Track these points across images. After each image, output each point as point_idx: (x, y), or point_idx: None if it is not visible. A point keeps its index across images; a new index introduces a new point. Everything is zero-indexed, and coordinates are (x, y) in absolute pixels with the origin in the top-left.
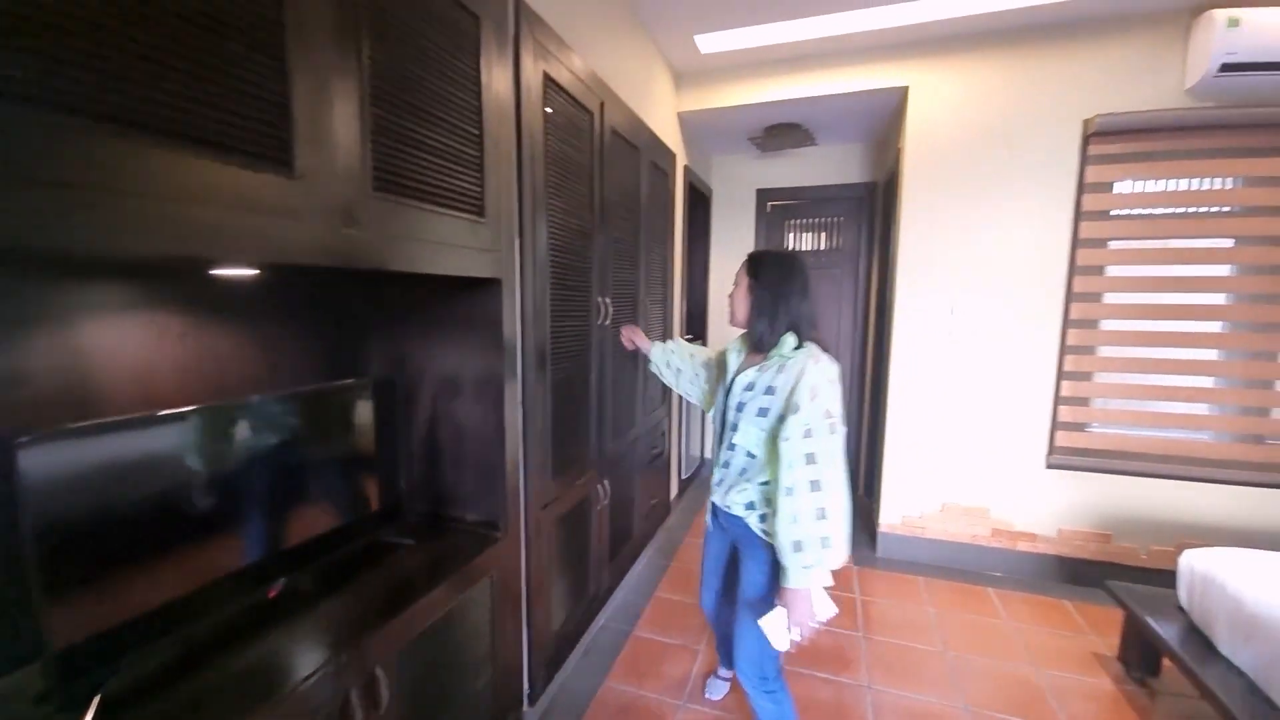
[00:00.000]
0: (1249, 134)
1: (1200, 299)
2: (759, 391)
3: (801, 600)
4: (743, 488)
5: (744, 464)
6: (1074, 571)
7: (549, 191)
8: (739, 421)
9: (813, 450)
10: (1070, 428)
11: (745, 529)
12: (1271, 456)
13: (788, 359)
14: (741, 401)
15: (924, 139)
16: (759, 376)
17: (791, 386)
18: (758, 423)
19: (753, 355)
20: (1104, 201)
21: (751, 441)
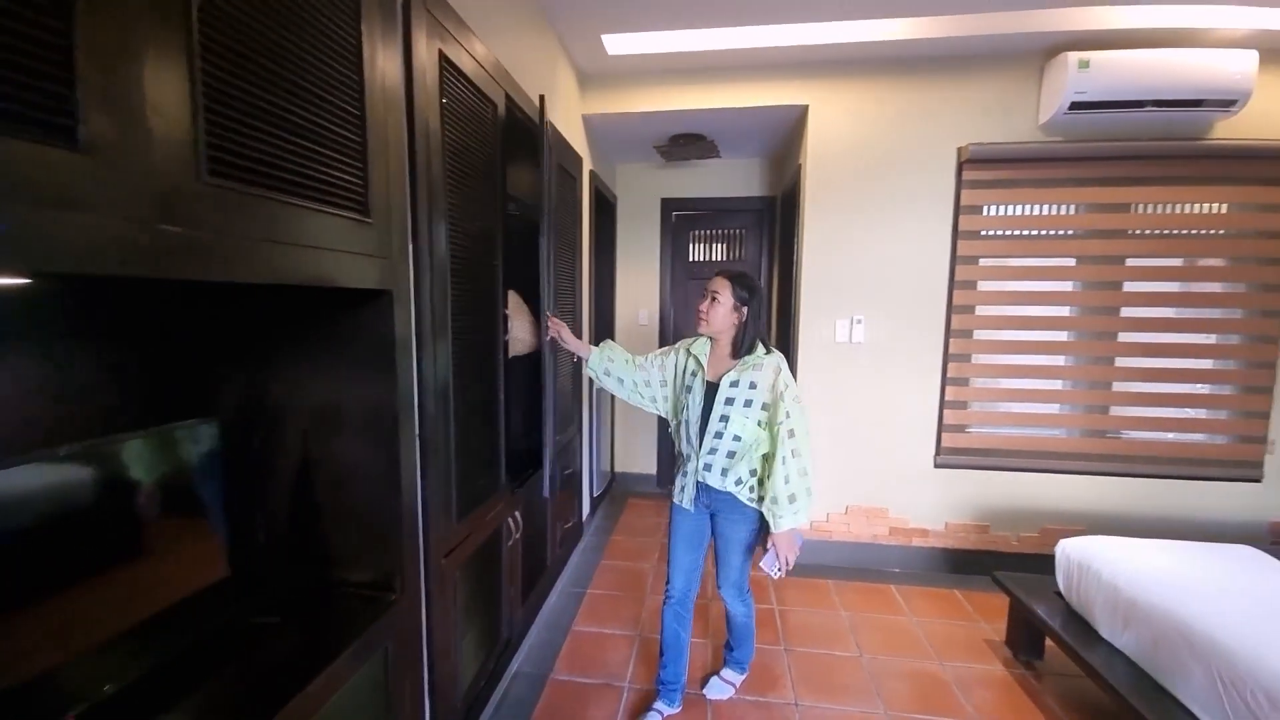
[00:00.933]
0: (1090, 166)
1: (1052, 311)
2: (743, 387)
3: (790, 538)
4: (733, 467)
5: (732, 446)
6: (959, 561)
7: (449, 190)
8: (730, 413)
9: (794, 427)
10: (953, 429)
11: (732, 500)
12: (1112, 448)
13: (762, 361)
14: (731, 397)
15: (823, 157)
16: (741, 375)
17: (771, 382)
18: (745, 412)
19: (723, 358)
20: (976, 222)
21: (739, 427)
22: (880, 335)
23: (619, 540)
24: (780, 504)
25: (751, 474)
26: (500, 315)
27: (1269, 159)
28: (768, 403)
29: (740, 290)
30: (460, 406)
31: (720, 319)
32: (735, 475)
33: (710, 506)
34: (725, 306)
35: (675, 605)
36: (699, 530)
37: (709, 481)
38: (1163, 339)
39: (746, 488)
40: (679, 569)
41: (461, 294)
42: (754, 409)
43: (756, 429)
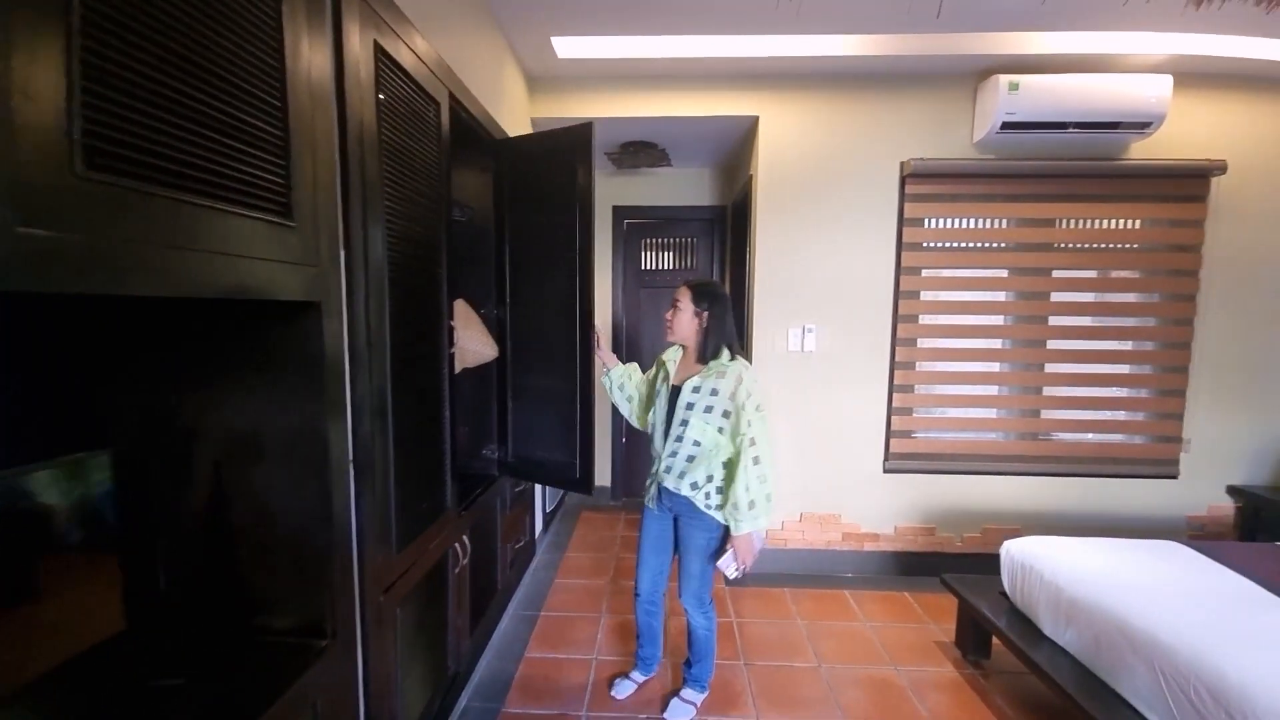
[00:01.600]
0: (1019, 183)
1: (989, 320)
2: (705, 393)
3: (749, 542)
4: (690, 472)
5: (691, 451)
6: (908, 564)
7: (387, 192)
8: (689, 418)
9: (755, 436)
10: (900, 435)
11: (690, 505)
12: (1044, 450)
13: (726, 368)
14: (691, 402)
15: (774, 168)
16: (703, 381)
17: (733, 389)
18: (705, 418)
19: (691, 364)
20: (919, 234)
21: (698, 432)
22: (831, 344)
23: (573, 557)
24: (740, 509)
25: (708, 479)
26: (445, 327)
27: (1178, 177)
28: (729, 410)
29: (699, 297)
30: (400, 426)
31: (682, 326)
32: (691, 479)
33: (673, 510)
34: (686, 314)
35: (644, 603)
36: (664, 533)
37: (667, 483)
38: (1086, 346)
39: (703, 494)
40: (645, 569)
41: (401, 304)
42: (714, 415)
43: (716, 435)
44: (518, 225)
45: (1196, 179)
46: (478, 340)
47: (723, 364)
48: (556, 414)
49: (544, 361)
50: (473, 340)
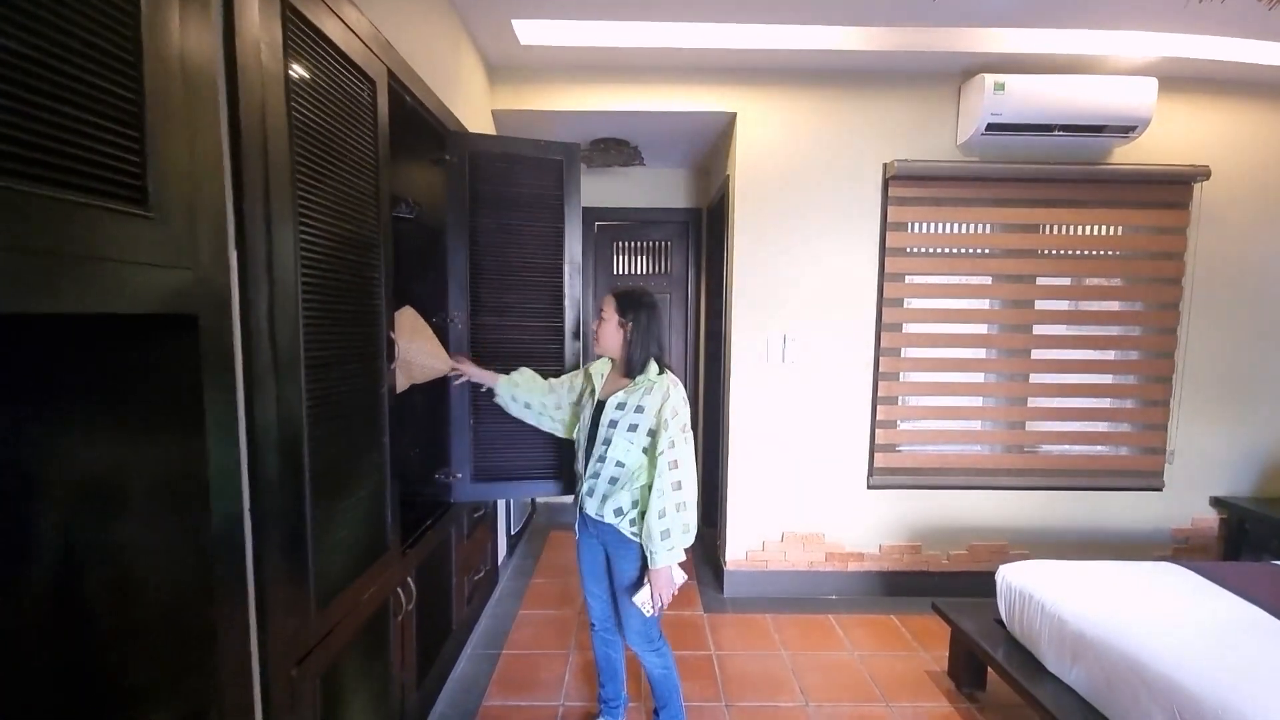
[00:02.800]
0: (1003, 187)
1: (973, 328)
2: (629, 410)
3: (666, 576)
4: (614, 495)
5: (614, 473)
6: (894, 584)
7: (302, 183)
8: (612, 436)
9: (676, 458)
10: (885, 449)
11: (615, 533)
12: (1029, 463)
13: (653, 383)
14: (614, 419)
15: (752, 168)
16: (629, 397)
17: (658, 407)
18: (629, 437)
19: (618, 378)
20: (903, 239)
21: (622, 452)
22: (811, 353)
23: (540, 585)
24: (653, 538)
25: (633, 505)
26: (384, 339)
27: (1161, 183)
28: (654, 429)
29: (624, 306)
30: (322, 460)
31: (608, 337)
32: (614, 504)
33: (599, 538)
34: (611, 324)
35: (600, 632)
36: (596, 559)
37: (588, 509)
38: (1070, 355)
39: (627, 520)
40: (592, 596)
41: (323, 316)
42: (638, 434)
43: (640, 456)
44: (485, 228)
45: (1180, 185)
46: (425, 353)
47: (650, 379)
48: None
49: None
50: (420, 353)
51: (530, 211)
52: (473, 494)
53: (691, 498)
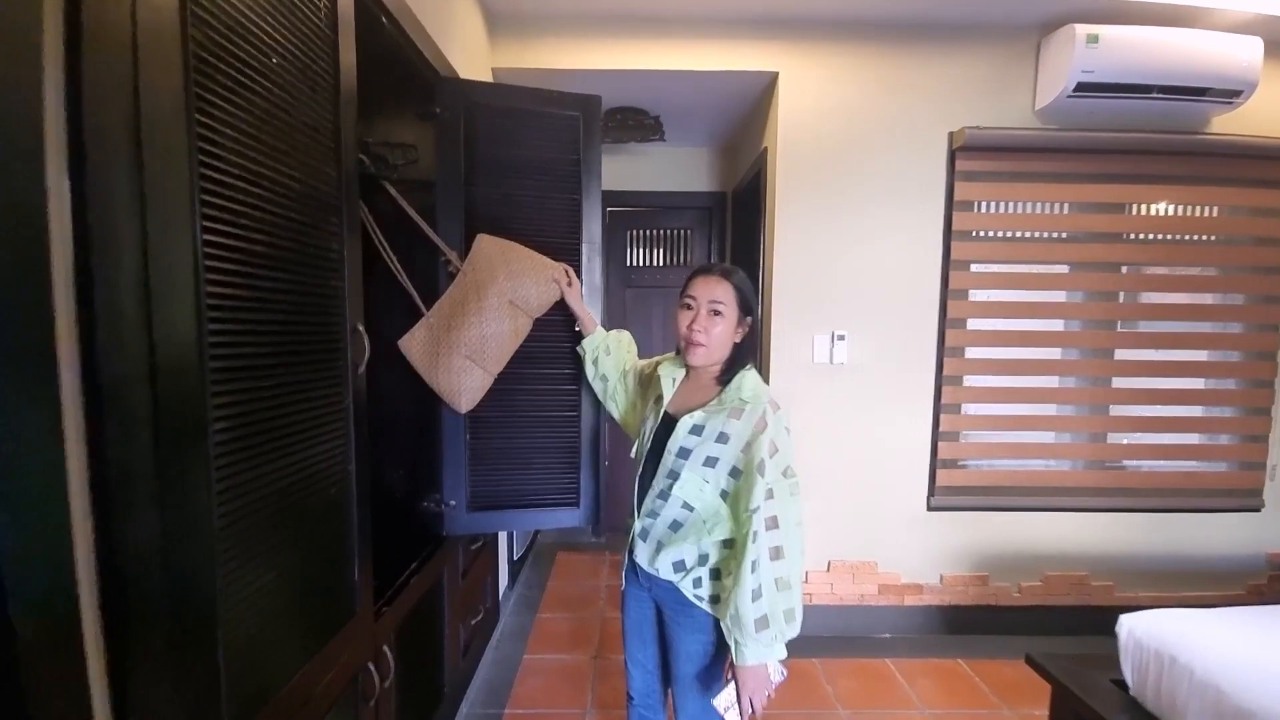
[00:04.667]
0: (1086, 159)
1: (1045, 325)
2: (708, 437)
3: (761, 675)
4: (674, 545)
5: (678, 515)
6: (956, 620)
7: (206, 96)
8: (680, 469)
9: (775, 513)
10: (948, 465)
11: (676, 595)
12: (1114, 481)
13: (745, 403)
14: (686, 446)
15: (796, 139)
16: (710, 420)
17: (749, 438)
18: (703, 473)
19: (698, 387)
20: (969, 221)
21: (692, 492)
22: (866, 354)
23: (548, 620)
24: (744, 626)
25: (702, 560)
26: (349, 331)
27: (1268, 159)
28: (740, 467)
29: (746, 299)
30: (242, 506)
31: (718, 340)
32: (674, 555)
33: (651, 592)
34: (728, 322)
35: (638, 709)
36: (644, 616)
37: (638, 556)
38: (1158, 356)
39: (691, 580)
40: (634, 664)
41: (243, 295)
42: (717, 471)
43: (717, 500)
44: (485, 200)
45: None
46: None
47: (741, 396)
48: (547, 436)
49: (528, 366)
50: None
51: (540, 180)
52: (469, 526)
53: (797, 570)
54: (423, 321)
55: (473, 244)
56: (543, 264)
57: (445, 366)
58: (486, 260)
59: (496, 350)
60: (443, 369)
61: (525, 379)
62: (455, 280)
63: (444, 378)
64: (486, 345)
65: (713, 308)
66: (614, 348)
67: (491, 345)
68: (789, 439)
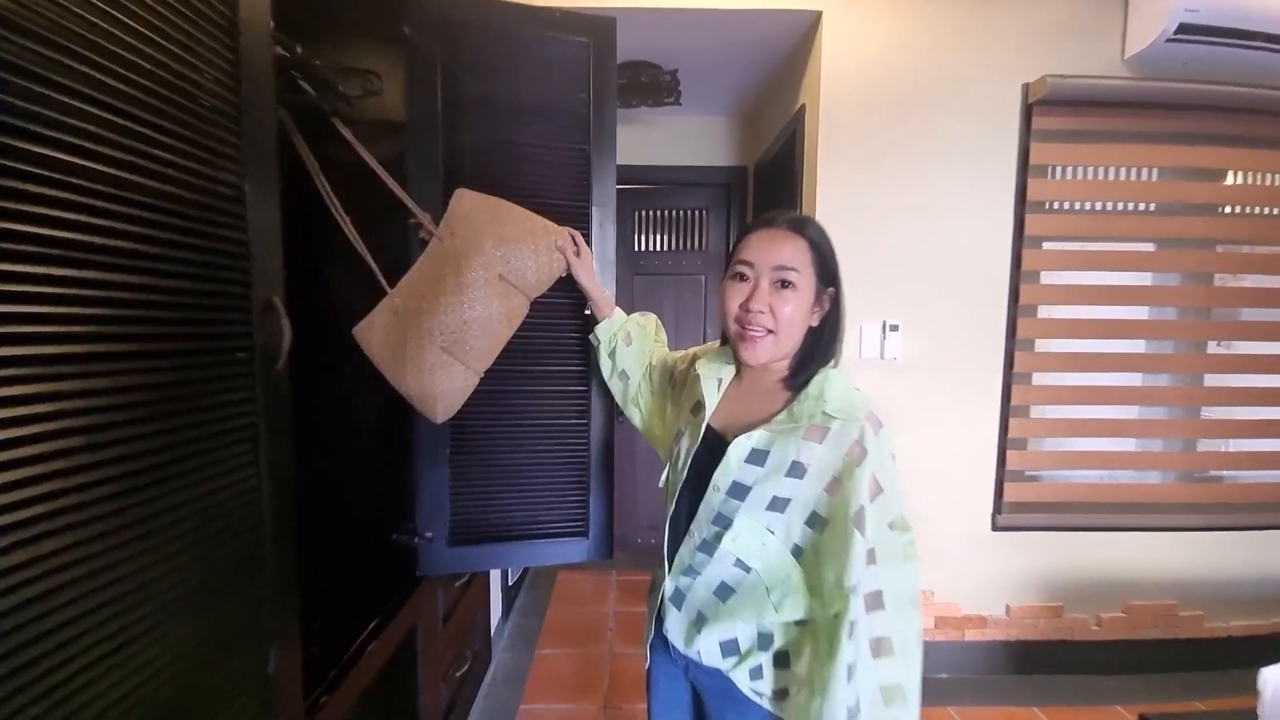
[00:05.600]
0: (1180, 117)
1: (1127, 312)
2: (776, 469)
3: None
4: (721, 620)
5: (727, 577)
6: (1026, 658)
7: None
8: (733, 513)
9: (880, 587)
10: (1019, 478)
11: (724, 684)
12: (1206, 495)
13: (833, 419)
14: (741, 481)
15: (841, 92)
16: (777, 442)
17: (838, 472)
18: (767, 519)
19: (756, 391)
20: (1045, 190)
21: (750, 547)
22: (923, 347)
23: (547, 658)
24: None
25: (763, 643)
26: (254, 312)
27: None
28: (822, 514)
29: (825, 263)
30: (77, 633)
31: (797, 328)
32: (723, 635)
33: (689, 673)
34: (805, 297)
35: None
36: (678, 698)
37: (670, 632)
38: (1257, 349)
39: (747, 670)
40: None
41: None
42: (788, 519)
43: (786, 561)
44: (468, 148)
45: None
46: (529, 252)
47: (826, 408)
48: (550, 449)
49: (525, 361)
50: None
51: (539, 125)
52: (451, 563)
53: (915, 676)
54: (385, 303)
55: (450, 202)
56: (543, 227)
57: (415, 362)
58: (469, 223)
59: (483, 340)
60: (412, 365)
61: (521, 377)
62: (428, 249)
63: (414, 377)
64: (469, 333)
65: (779, 277)
66: (637, 336)
67: (476, 333)
68: (896, 473)
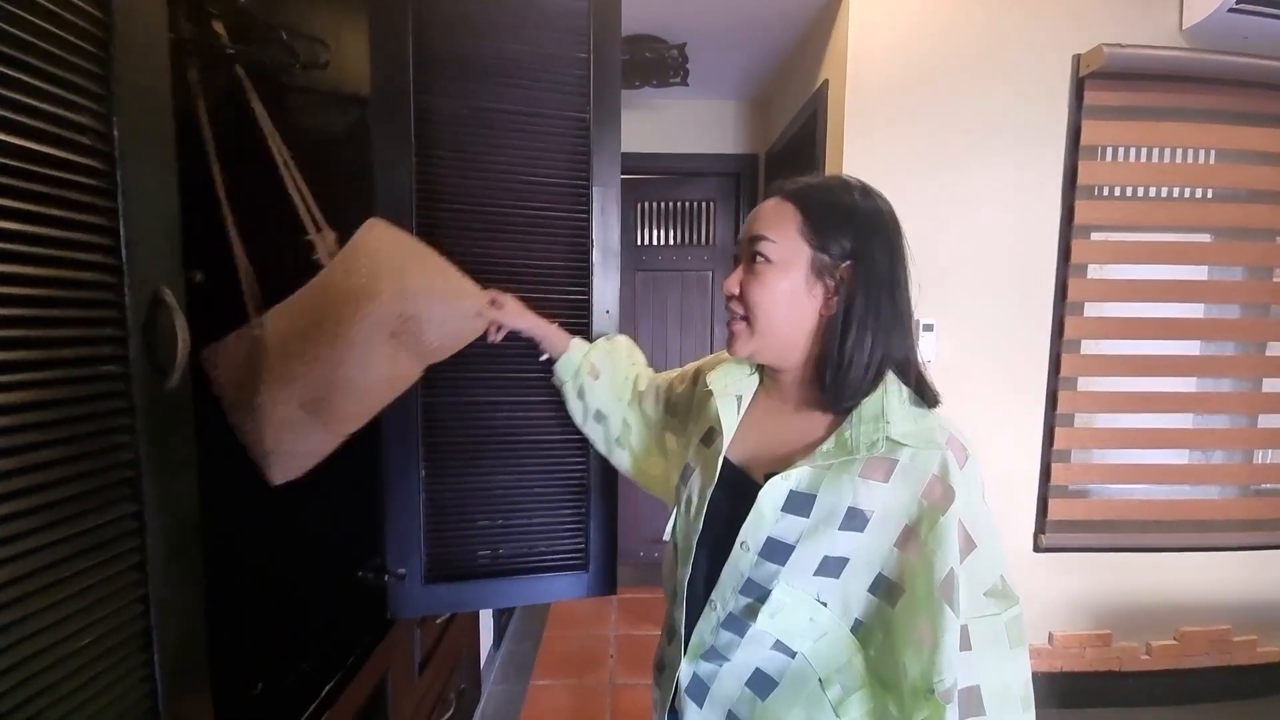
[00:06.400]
0: (1240, 95)
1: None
2: (827, 520)
3: None
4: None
5: (764, 665)
6: (1071, 690)
7: None
8: (770, 580)
9: (976, 682)
10: (1064, 493)
11: None
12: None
13: (902, 447)
14: (779, 538)
15: (868, 67)
16: (824, 482)
17: (913, 520)
18: (816, 587)
19: (778, 413)
20: (1098, 173)
21: (796, 626)
22: (959, 349)
23: (542, 691)
24: None
25: None
26: (126, 310)
27: None
28: (893, 579)
29: (828, 231)
30: None
31: (780, 314)
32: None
33: None
34: (793, 273)
35: None
36: None
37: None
38: None
39: None
40: None
41: None
42: (844, 585)
43: (845, 641)
44: (446, 117)
45: None
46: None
47: (890, 433)
48: (542, 470)
49: (510, 368)
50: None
51: (530, 88)
52: (427, 604)
53: None
54: (243, 331)
55: (359, 231)
56: (460, 288)
57: (265, 411)
58: (372, 262)
59: (355, 405)
60: (261, 414)
61: (509, 385)
62: (316, 279)
63: (258, 424)
64: (337, 396)
65: (752, 250)
66: (605, 366)
67: (346, 397)
68: (990, 518)
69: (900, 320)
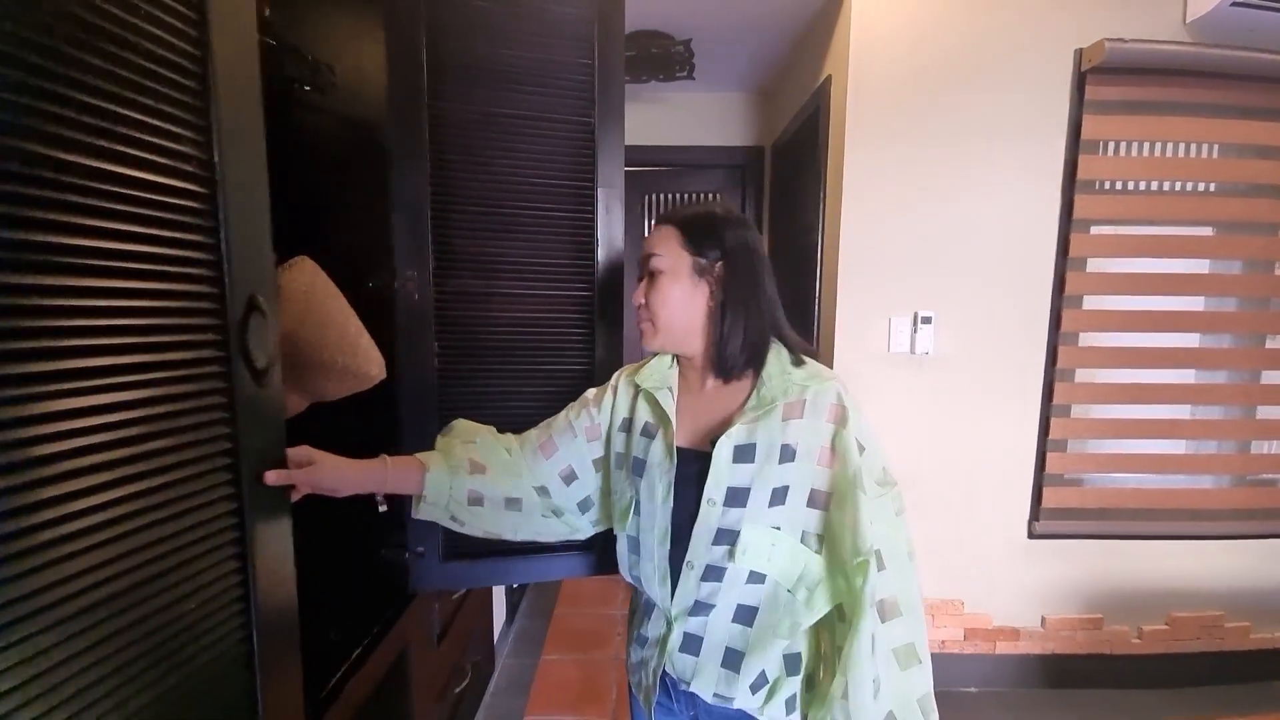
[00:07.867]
0: (1242, 89)
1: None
2: (768, 458)
3: None
4: (753, 652)
5: (744, 598)
6: (1061, 672)
7: None
8: (739, 524)
9: (879, 546)
10: (1058, 482)
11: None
12: (1259, 500)
13: (806, 388)
14: (737, 485)
15: (871, 61)
16: (759, 430)
17: (828, 439)
18: (772, 515)
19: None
20: (1098, 168)
21: (763, 553)
22: (958, 341)
23: (553, 664)
24: None
25: (791, 666)
26: (229, 306)
27: None
28: (822, 489)
29: (698, 237)
30: None
31: (675, 312)
32: (757, 664)
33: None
34: (678, 278)
35: None
36: None
37: (697, 687)
38: None
39: (782, 701)
40: None
41: None
42: (790, 508)
43: (803, 553)
44: (457, 122)
45: None
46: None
47: (793, 379)
48: None
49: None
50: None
51: (536, 93)
52: (445, 579)
53: (921, 628)
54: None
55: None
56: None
57: None
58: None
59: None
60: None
61: (519, 377)
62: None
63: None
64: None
65: (648, 269)
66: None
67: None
68: (871, 425)
69: (769, 302)
